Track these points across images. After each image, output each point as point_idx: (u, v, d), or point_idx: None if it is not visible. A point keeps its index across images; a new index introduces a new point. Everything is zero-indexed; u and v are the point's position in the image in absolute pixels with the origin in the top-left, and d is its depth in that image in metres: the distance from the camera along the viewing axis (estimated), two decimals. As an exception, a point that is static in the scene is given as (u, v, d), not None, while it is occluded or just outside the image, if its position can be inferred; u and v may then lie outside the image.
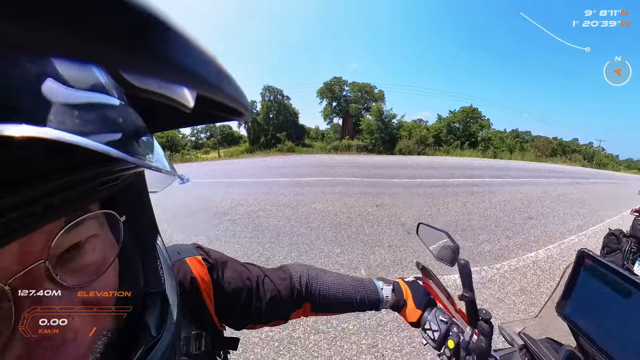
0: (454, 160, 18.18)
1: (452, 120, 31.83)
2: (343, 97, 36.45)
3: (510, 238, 5.05)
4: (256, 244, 3.85)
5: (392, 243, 4.20)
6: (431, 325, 0.69)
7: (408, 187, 8.22)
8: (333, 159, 14.66)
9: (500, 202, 7.66)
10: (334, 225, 4.66)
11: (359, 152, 22.33)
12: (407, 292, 0.77)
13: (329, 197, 6.33)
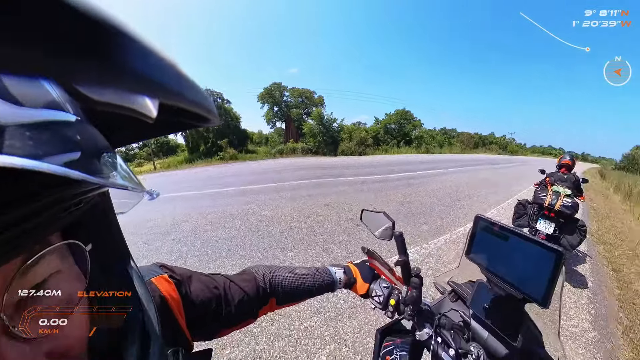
0: (392, 157, 19.64)
1: (388, 122, 34.40)
2: (284, 102, 36.55)
3: (444, 218, 5.74)
4: (206, 262, 3.66)
5: (342, 239, 4.39)
6: (376, 293, 0.84)
7: (353, 184, 8.62)
8: (279, 163, 14.36)
9: (434, 190, 8.57)
10: (286, 230, 4.67)
11: (304, 155, 22.42)
12: (355, 271, 0.91)
13: (278, 203, 6.27)
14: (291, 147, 24.31)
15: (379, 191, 7.83)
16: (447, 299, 0.95)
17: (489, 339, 0.74)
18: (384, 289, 0.84)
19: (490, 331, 0.74)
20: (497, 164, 21.83)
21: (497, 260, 0.71)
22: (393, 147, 29.03)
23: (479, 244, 0.76)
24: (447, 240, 4.60)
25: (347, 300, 2.83)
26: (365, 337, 2.39)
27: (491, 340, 0.74)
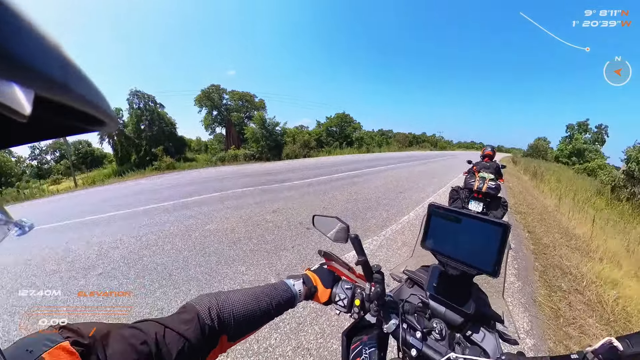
0: (335, 158, 20.13)
1: (329, 125, 35.29)
2: (223, 105, 34.68)
3: (389, 211, 6.04)
4: (143, 295, 3.06)
5: (295, 243, 4.26)
6: (340, 296, 0.81)
7: (299, 188, 8.54)
8: (221, 172, 13.42)
9: (377, 186, 9.00)
10: (234, 243, 4.33)
11: (247, 161, 21.29)
12: (315, 278, 0.85)
13: (223, 214, 5.80)
14: (233, 154, 22.86)
15: (325, 192, 7.90)
16: (404, 286, 1.02)
17: (446, 313, 0.82)
18: (346, 291, 0.81)
19: (446, 306, 0.83)
20: (431, 158, 24.69)
21: (451, 243, 0.77)
22: (336, 149, 29.74)
23: (433, 232, 0.80)
24: (394, 230, 4.87)
25: (306, 306, 2.72)
26: (330, 339, 2.32)
27: (449, 313, 0.82)
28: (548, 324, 2.87)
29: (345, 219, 5.83)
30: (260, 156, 23.17)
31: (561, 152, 41.67)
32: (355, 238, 0.77)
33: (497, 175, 4.74)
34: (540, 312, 3.04)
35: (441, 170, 14.64)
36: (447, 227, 0.78)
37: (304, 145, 26.56)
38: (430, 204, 0.81)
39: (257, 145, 24.35)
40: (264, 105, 36.73)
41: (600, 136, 42.86)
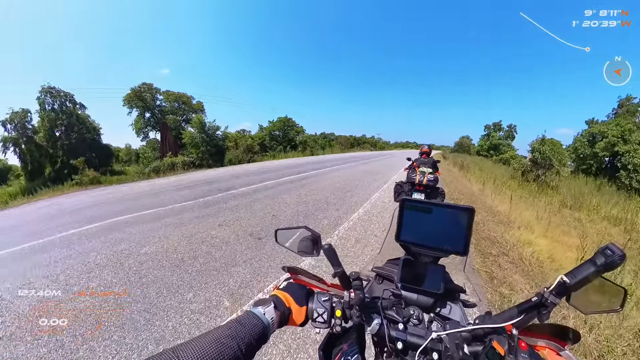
0: (280, 162, 19.83)
1: (272, 129, 34.72)
2: (157, 107, 30.93)
3: (339, 209, 6.15)
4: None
5: (246, 257, 3.98)
6: (318, 312, 0.75)
7: (246, 195, 8.18)
8: (156, 184, 11.86)
9: (325, 187, 9.13)
10: (176, 266, 3.80)
11: (186, 170, 19.01)
12: (286, 298, 0.75)
13: (162, 233, 5.07)
14: (170, 162, 19.64)
15: (274, 197, 7.72)
16: (374, 283, 1.02)
17: (419, 298, 0.85)
18: (324, 304, 0.76)
19: (417, 292, 0.86)
20: (372, 158, 26.06)
21: (425, 232, 0.80)
22: (280, 153, 29.37)
23: (407, 225, 0.81)
24: (347, 228, 4.98)
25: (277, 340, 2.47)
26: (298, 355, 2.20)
27: (421, 298, 0.85)
28: (486, 287, 3.42)
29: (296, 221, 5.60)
30: (201, 163, 21.37)
31: (481, 147, 51.12)
32: (329, 248, 0.74)
33: (434, 169, 5.37)
34: (478, 277, 3.64)
35: (382, 169, 15.58)
36: (419, 218, 0.80)
37: (248, 149, 25.59)
38: (402, 199, 0.82)
39: (197, 151, 22.49)
40: (202, 108, 34.08)
41: (510, 133, 52.09)
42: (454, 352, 0.66)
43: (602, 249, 0.59)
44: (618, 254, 0.57)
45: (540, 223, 6.90)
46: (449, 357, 0.66)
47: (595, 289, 0.65)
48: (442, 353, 0.68)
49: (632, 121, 26.18)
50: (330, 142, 49.98)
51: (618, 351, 2.48)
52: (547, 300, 0.62)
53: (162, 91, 31.64)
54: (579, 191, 14.21)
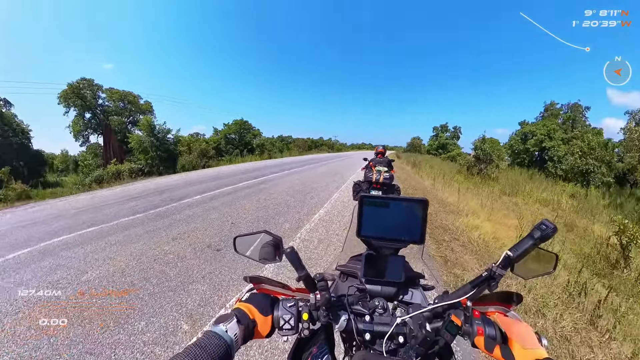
0: (237, 166, 19.16)
1: (227, 132, 33.35)
2: (99, 106, 27.26)
3: (300, 212, 6.16)
4: None
5: (205, 272, 3.73)
6: (284, 319, 0.74)
7: (202, 203, 7.77)
8: (99, 197, 10.50)
9: (285, 190, 9.07)
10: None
11: (134, 178, 16.68)
12: (250, 309, 0.71)
13: (106, 254, 4.45)
14: (115, 170, 17.06)
15: (232, 204, 7.46)
16: (338, 282, 1.05)
17: (382, 290, 0.89)
18: (290, 309, 0.75)
19: (381, 284, 0.89)
20: (329, 160, 26.63)
21: (383, 226, 0.83)
22: (237, 157, 28.29)
23: (367, 220, 0.84)
24: (309, 229, 5.01)
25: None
26: None
27: (384, 289, 0.89)
28: (441, 270, 3.79)
29: (258, 227, 5.48)
30: (151, 170, 19.52)
31: (431, 147, 56.44)
32: (291, 252, 0.74)
33: (389, 167, 5.71)
34: (434, 262, 4.03)
35: (340, 169, 15.97)
36: (378, 213, 0.83)
37: (202, 154, 24.11)
38: (361, 196, 0.84)
39: (146, 157, 20.43)
40: (151, 109, 31.11)
41: (456, 134, 58.11)
42: (417, 332, 0.71)
43: (538, 225, 0.68)
44: (551, 227, 0.66)
45: (485, 209, 7.94)
46: (413, 337, 0.71)
47: (533, 257, 0.75)
48: (407, 335, 0.73)
49: (555, 122, 31.83)
50: (288, 145, 49.89)
51: (551, 304, 3.19)
52: (495, 273, 0.70)
53: (105, 88, 27.92)
54: (515, 180, 16.61)
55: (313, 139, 66.17)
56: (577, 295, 3.59)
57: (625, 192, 19.16)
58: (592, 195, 16.74)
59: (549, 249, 0.80)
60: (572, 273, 4.35)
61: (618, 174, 23.01)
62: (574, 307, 3.31)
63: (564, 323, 2.89)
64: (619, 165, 23.13)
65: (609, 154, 22.61)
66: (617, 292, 4.58)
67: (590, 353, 2.53)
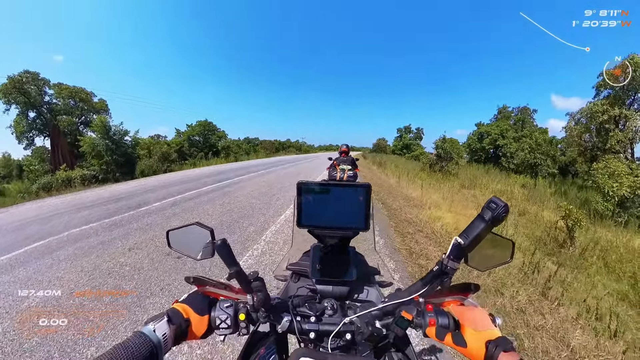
0: (202, 170, 18.38)
1: (191, 134, 31.93)
2: (46, 104, 24.24)
3: (265, 214, 6.07)
4: None
5: (164, 283, 3.51)
6: (220, 318, 0.71)
7: (162, 210, 7.36)
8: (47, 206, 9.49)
9: (250, 192, 8.89)
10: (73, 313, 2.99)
11: (87, 186, 15.19)
12: (185, 309, 0.68)
13: (53, 273, 3.93)
14: (65, 177, 15.31)
15: (194, 209, 7.16)
16: (290, 283, 1.01)
17: (334, 289, 0.87)
18: (227, 310, 0.72)
19: (332, 284, 0.87)
20: (297, 161, 26.88)
21: (325, 214, 0.80)
22: (201, 160, 27.20)
23: (307, 208, 0.80)
24: (274, 231, 4.95)
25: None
26: None
27: (336, 289, 0.87)
28: (406, 262, 3.98)
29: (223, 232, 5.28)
30: (106, 176, 18.02)
31: (396, 147, 59.27)
32: (222, 245, 0.69)
33: (353, 166, 5.87)
34: (399, 255, 4.20)
35: (308, 170, 16.14)
36: (318, 200, 0.80)
37: (163, 158, 22.67)
38: (298, 182, 0.81)
39: (101, 162, 18.65)
40: (106, 108, 28.36)
41: (419, 135, 61.46)
42: (364, 329, 0.71)
43: (487, 204, 0.62)
44: (501, 205, 0.60)
45: (446, 202, 8.54)
46: (360, 334, 0.71)
47: (487, 245, 0.71)
48: (355, 332, 0.73)
49: (507, 123, 35.17)
50: (255, 147, 49.07)
51: (508, 284, 3.51)
52: (447, 267, 0.67)
53: (53, 84, 24.69)
54: (473, 175, 18.07)
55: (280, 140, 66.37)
56: (531, 273, 4.00)
57: (567, 182, 21.36)
58: (540, 185, 18.54)
59: (503, 234, 0.79)
60: (527, 255, 4.78)
61: (561, 166, 25.66)
62: (528, 283, 3.69)
63: (519, 298, 3.17)
64: (561, 158, 25.82)
65: (553, 149, 25.19)
66: (565, 266, 5.23)
67: (542, 319, 2.81)
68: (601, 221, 11.46)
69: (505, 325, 2.68)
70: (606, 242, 7.35)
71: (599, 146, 18.83)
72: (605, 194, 12.78)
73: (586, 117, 19.62)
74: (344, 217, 0.80)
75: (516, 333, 2.58)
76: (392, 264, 3.86)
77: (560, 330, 2.67)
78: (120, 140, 20.00)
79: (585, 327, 2.92)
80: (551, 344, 2.48)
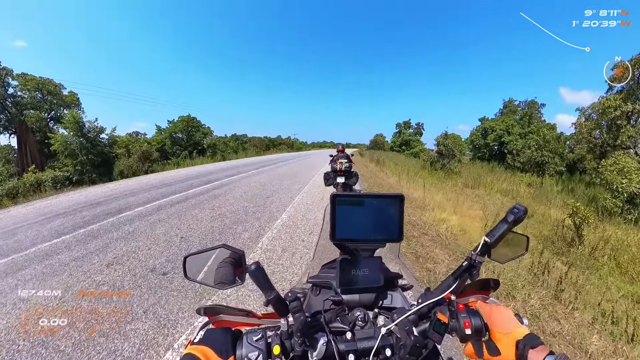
0: (187, 170, 18.16)
1: (173, 131, 31.25)
2: (9, 97, 22.97)
3: (260, 219, 6.04)
4: None
5: (147, 304, 3.31)
6: (250, 358, 0.64)
7: (145, 216, 7.23)
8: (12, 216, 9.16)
9: (242, 195, 8.85)
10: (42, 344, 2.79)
11: (59, 189, 14.43)
12: (205, 353, 0.62)
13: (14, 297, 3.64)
14: (33, 181, 14.51)
15: (181, 214, 7.08)
16: (311, 296, 1.01)
17: (361, 298, 0.88)
18: (256, 344, 0.66)
19: (358, 291, 0.88)
20: (290, 160, 26.52)
21: (359, 226, 0.82)
22: (186, 159, 26.82)
23: (341, 221, 0.82)
24: (271, 237, 4.93)
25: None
26: None
27: (363, 297, 0.89)
28: (413, 266, 4.07)
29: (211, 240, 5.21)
30: (81, 178, 17.47)
31: (394, 144, 60.24)
32: (256, 270, 0.65)
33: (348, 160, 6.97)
34: (407, 259, 4.27)
35: (302, 170, 16.01)
36: (352, 212, 0.82)
37: (144, 157, 22.08)
38: (332, 195, 0.82)
39: (74, 163, 17.89)
40: (77, 102, 27.36)
41: (419, 130, 62.98)
42: (405, 339, 0.68)
43: (511, 209, 0.72)
44: (522, 209, 0.71)
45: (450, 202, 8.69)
46: (401, 347, 0.69)
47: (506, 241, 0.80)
48: (395, 345, 0.71)
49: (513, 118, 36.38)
50: (244, 144, 48.81)
51: (519, 285, 3.63)
52: (475, 261, 0.73)
53: (17, 74, 23.42)
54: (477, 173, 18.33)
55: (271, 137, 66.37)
56: (541, 274, 4.16)
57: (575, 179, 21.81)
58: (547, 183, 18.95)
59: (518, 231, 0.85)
60: (535, 255, 4.94)
61: (569, 163, 26.15)
62: (539, 285, 3.83)
63: (532, 302, 3.27)
64: (569, 155, 26.40)
65: (562, 146, 25.67)
66: (575, 266, 5.40)
67: (557, 325, 2.89)
68: (610, 219, 11.77)
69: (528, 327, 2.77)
70: (616, 240, 7.55)
71: (609, 142, 19.31)
72: (614, 191, 13.10)
73: (597, 113, 20.06)
74: (378, 228, 0.83)
75: (533, 341, 2.66)
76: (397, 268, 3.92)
77: (577, 336, 2.75)
78: (96, 138, 19.36)
79: (602, 331, 3.02)
80: (569, 351, 2.56)
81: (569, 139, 27.82)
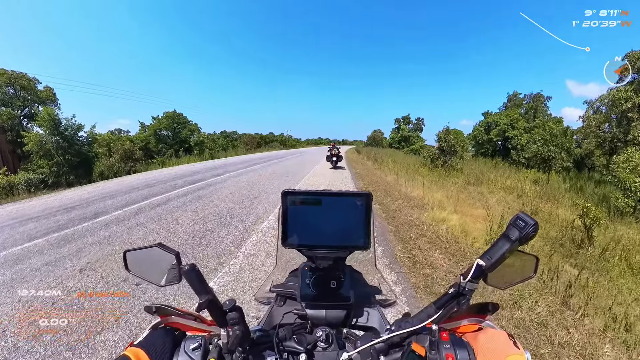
0: (171, 170, 17.91)
1: (158, 127, 30.89)
2: None
3: (245, 221, 5.93)
4: None
5: (120, 312, 3.27)
6: None
7: (123, 220, 7.08)
8: None
9: (228, 195, 8.73)
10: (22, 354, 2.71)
11: (33, 193, 14.15)
12: (137, 357, 0.60)
13: None
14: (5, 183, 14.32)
15: (162, 217, 6.93)
16: (274, 307, 0.95)
17: (327, 314, 0.81)
18: (193, 354, 0.64)
19: (325, 307, 0.82)
20: (282, 157, 26.30)
21: (316, 230, 0.75)
22: (171, 158, 26.37)
23: (294, 224, 0.75)
24: (255, 241, 4.82)
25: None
26: None
27: (330, 313, 0.81)
28: (409, 272, 3.92)
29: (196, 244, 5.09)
30: (58, 180, 17.17)
31: (393, 140, 60.48)
32: (191, 270, 0.62)
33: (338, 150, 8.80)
34: (402, 264, 4.14)
35: (294, 168, 15.80)
36: (308, 214, 0.75)
37: (126, 156, 21.80)
38: (283, 191, 0.74)
39: (50, 163, 17.52)
40: (53, 97, 26.47)
41: (419, 125, 62.86)
42: None
43: (514, 221, 0.59)
44: (530, 223, 0.57)
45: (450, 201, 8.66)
46: None
47: (509, 263, 0.68)
48: None
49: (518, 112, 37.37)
50: (234, 141, 48.48)
51: (526, 295, 3.46)
52: (464, 288, 0.63)
53: None
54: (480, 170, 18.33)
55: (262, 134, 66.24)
56: (550, 280, 4.00)
57: (583, 176, 21.88)
58: (554, 180, 18.93)
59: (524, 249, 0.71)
60: (543, 258, 4.82)
61: (576, 159, 26.24)
62: (546, 291, 3.68)
63: (539, 309, 3.16)
64: (577, 151, 26.45)
65: (569, 140, 25.74)
66: (584, 269, 5.28)
67: (567, 334, 2.78)
68: (621, 218, 11.76)
69: (527, 343, 2.66)
70: (628, 240, 7.51)
71: (619, 137, 19.31)
72: (627, 190, 13.10)
73: (607, 105, 20.05)
74: (340, 233, 0.75)
75: (540, 353, 2.55)
76: (393, 275, 3.81)
77: (588, 347, 2.65)
78: (73, 137, 18.86)
79: (615, 340, 2.92)
80: (580, 364, 2.44)
81: (576, 133, 27.99)
